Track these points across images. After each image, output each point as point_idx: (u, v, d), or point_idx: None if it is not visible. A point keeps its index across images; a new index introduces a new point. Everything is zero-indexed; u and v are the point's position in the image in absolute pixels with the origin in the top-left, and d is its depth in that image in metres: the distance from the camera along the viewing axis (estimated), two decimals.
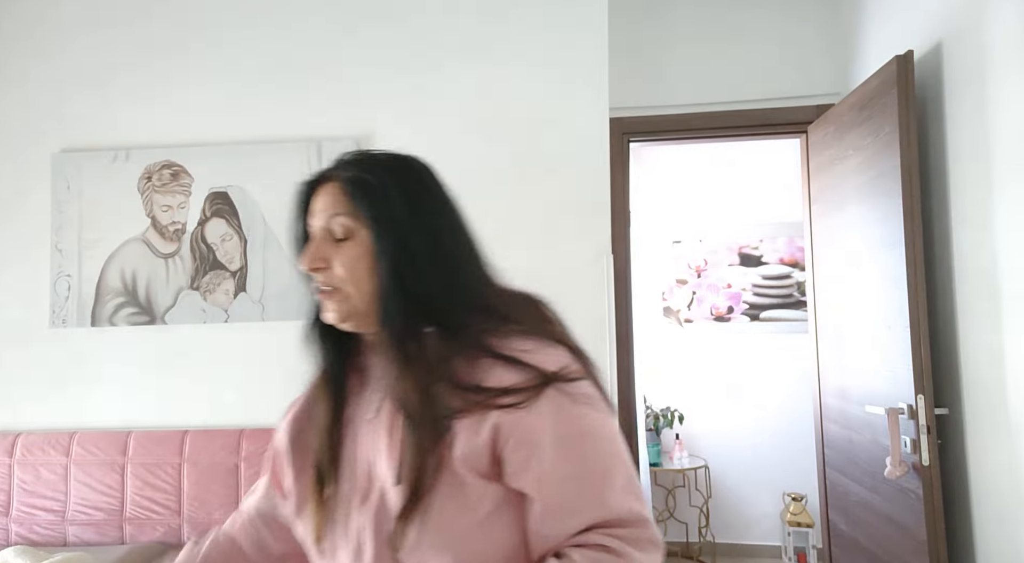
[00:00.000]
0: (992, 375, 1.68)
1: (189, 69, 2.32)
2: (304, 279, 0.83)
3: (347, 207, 0.78)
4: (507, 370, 0.74)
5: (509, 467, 0.73)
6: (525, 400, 0.72)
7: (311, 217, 0.81)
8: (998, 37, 1.63)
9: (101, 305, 2.26)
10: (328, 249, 0.79)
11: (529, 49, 2.22)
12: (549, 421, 0.73)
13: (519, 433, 0.72)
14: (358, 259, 0.78)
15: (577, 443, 0.73)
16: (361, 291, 0.78)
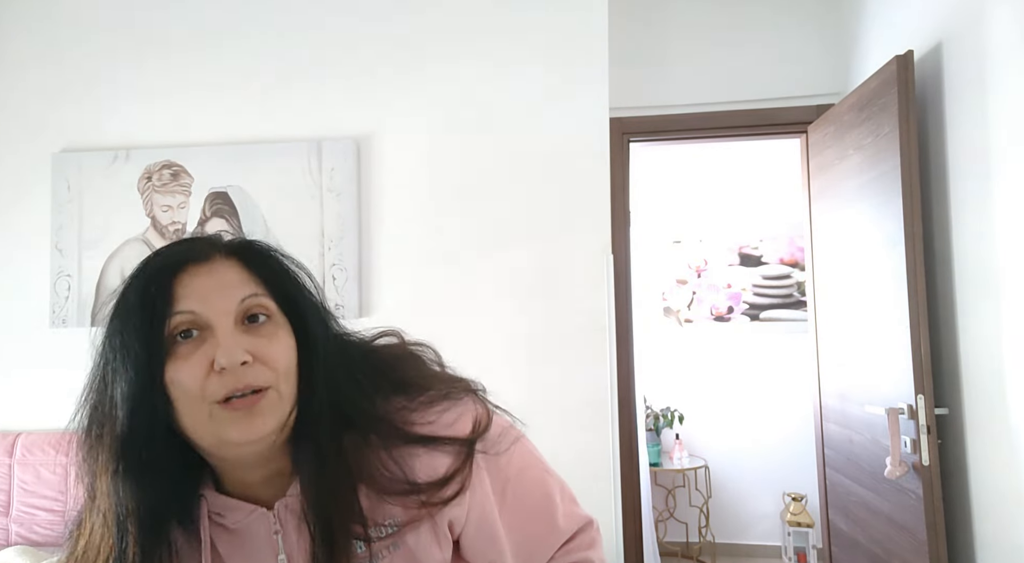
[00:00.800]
0: (992, 375, 1.68)
1: (189, 69, 2.32)
2: (197, 391, 0.59)
3: (260, 286, 0.63)
4: (435, 455, 0.66)
5: (471, 550, 0.71)
6: (464, 482, 0.66)
7: (189, 304, 0.60)
8: (998, 37, 1.63)
9: (101, 305, 2.26)
10: (246, 339, 0.60)
11: (529, 49, 2.21)
12: (487, 487, 0.70)
13: (473, 518, 0.69)
14: (286, 343, 0.63)
15: (514, 491, 0.72)
16: (288, 389, 0.62)
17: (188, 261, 0.62)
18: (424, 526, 0.65)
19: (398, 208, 2.23)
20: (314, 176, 2.23)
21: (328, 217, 2.22)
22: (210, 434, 0.59)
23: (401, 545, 0.65)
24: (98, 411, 0.64)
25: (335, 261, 2.21)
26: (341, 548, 0.61)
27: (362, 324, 0.75)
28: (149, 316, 0.59)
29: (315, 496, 0.62)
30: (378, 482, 0.64)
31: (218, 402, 0.58)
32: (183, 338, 0.59)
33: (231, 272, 0.63)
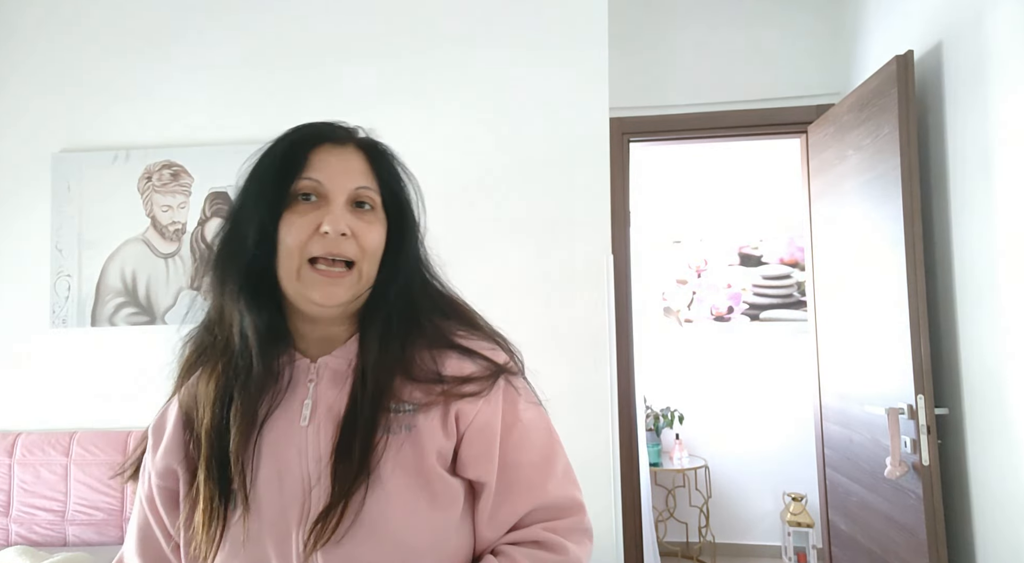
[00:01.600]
0: (992, 375, 1.68)
1: (189, 69, 2.32)
2: (298, 244, 0.70)
3: (375, 183, 0.76)
4: (465, 360, 0.76)
5: (465, 456, 0.74)
6: (483, 390, 0.75)
7: (318, 174, 0.72)
8: (998, 37, 1.63)
9: (101, 305, 2.26)
10: (351, 218, 0.72)
11: (529, 49, 2.21)
12: (500, 411, 0.76)
13: (477, 423, 0.74)
14: (380, 233, 0.75)
15: (522, 432, 0.77)
16: (368, 271, 0.74)
17: (326, 139, 0.76)
18: (436, 410, 0.73)
19: None
20: None
21: None
22: (295, 287, 0.71)
23: (413, 427, 0.72)
24: (230, 245, 0.74)
25: None
26: (379, 400, 0.71)
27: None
28: (284, 173, 0.72)
29: (372, 357, 0.73)
30: (411, 369, 0.74)
31: (309, 261, 0.70)
32: (303, 199, 0.72)
33: (357, 161, 0.76)
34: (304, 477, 0.70)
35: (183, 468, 0.74)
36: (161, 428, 0.79)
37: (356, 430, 0.70)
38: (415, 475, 0.71)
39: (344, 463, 0.69)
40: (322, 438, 0.71)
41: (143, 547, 0.79)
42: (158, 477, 0.76)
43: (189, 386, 0.78)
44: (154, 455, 0.77)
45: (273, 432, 0.72)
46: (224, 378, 0.73)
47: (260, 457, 0.71)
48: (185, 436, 0.75)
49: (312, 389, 0.74)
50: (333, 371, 0.75)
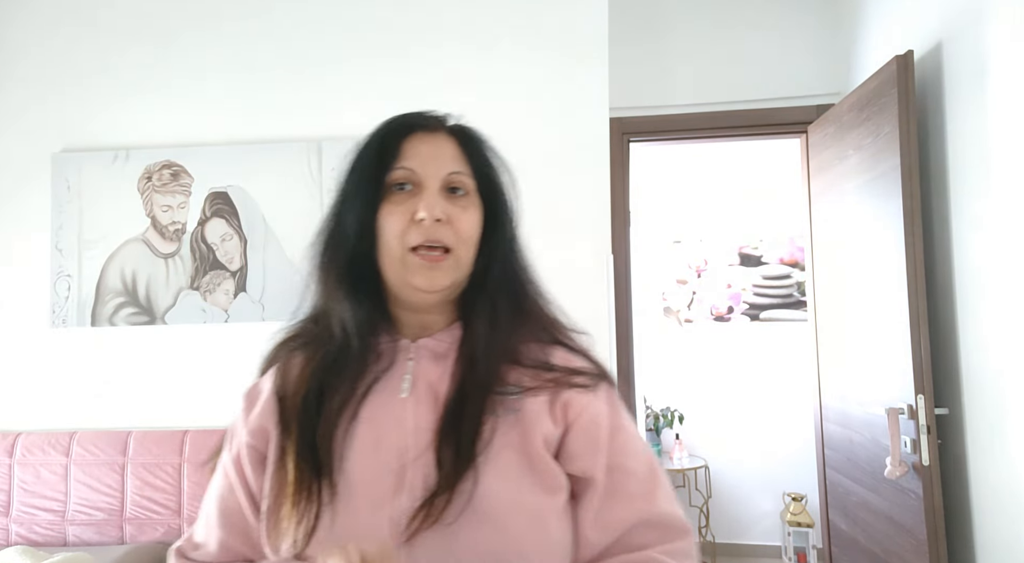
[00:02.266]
0: (992, 375, 1.68)
1: (189, 69, 2.32)
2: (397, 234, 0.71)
3: (468, 167, 0.76)
4: (572, 355, 0.77)
5: (572, 447, 0.72)
6: (591, 385, 0.74)
7: (410, 163, 0.73)
8: (998, 37, 1.63)
9: (101, 305, 2.26)
10: (445, 204, 0.73)
11: (529, 49, 2.21)
12: (608, 410, 0.74)
13: (588, 414, 0.73)
14: (475, 219, 0.75)
15: (629, 438, 0.75)
16: (466, 257, 0.74)
17: (417, 128, 0.77)
18: (543, 396, 0.72)
19: None
20: (314, 176, 2.23)
21: None
22: (397, 275, 0.72)
23: (520, 408, 0.71)
24: (332, 239, 0.76)
25: None
26: (489, 385, 0.71)
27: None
28: (378, 165, 0.74)
29: (482, 342, 0.73)
30: (518, 356, 0.74)
31: (411, 249, 0.71)
32: (398, 189, 0.73)
33: (449, 147, 0.76)
34: (401, 448, 0.69)
35: (277, 430, 0.73)
36: (256, 393, 0.78)
37: (463, 413, 0.69)
38: (522, 457, 0.70)
39: (449, 446, 0.68)
40: (422, 411, 0.71)
41: (225, 517, 0.75)
42: (250, 436, 0.75)
43: (284, 368, 0.77)
44: (247, 416, 0.76)
45: (371, 405, 0.72)
46: (323, 362, 0.74)
47: (357, 426, 0.71)
48: (279, 405, 0.74)
49: (411, 366, 0.75)
50: (432, 351, 0.76)
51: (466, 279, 0.75)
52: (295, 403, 0.72)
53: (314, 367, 0.74)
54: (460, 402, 0.70)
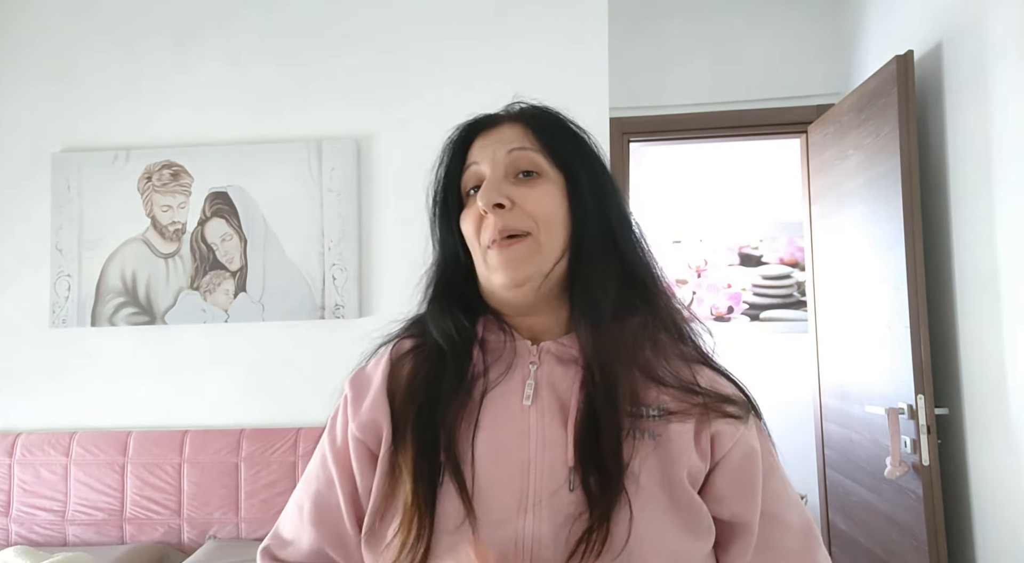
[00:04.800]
0: (992, 375, 1.68)
1: (189, 70, 2.32)
2: (473, 235, 0.66)
3: (535, 143, 0.67)
4: (720, 378, 0.66)
5: (721, 487, 0.63)
6: (743, 416, 0.64)
7: (472, 161, 0.68)
8: (998, 37, 1.63)
9: (101, 305, 2.26)
10: (510, 188, 0.65)
11: (529, 49, 2.21)
12: (761, 448, 0.65)
13: (740, 450, 0.63)
14: (550, 197, 0.65)
15: (784, 484, 0.66)
16: (551, 240, 0.64)
17: (479, 130, 0.71)
18: (690, 423, 0.62)
19: (398, 208, 2.23)
20: (314, 176, 2.23)
21: (328, 217, 2.22)
22: (484, 276, 0.67)
23: (661, 433, 0.62)
24: (433, 260, 0.73)
25: (335, 261, 2.21)
26: (614, 395, 0.61)
27: (362, 324, 0.76)
28: (449, 176, 0.70)
29: (589, 344, 0.63)
30: (655, 371, 0.64)
31: (488, 246, 0.65)
32: (474, 192, 0.68)
33: (511, 131, 0.69)
34: (523, 461, 0.62)
35: (389, 429, 0.65)
36: (365, 381, 0.70)
37: (598, 433, 0.60)
38: (665, 492, 0.60)
39: (593, 470, 0.59)
40: (547, 422, 0.63)
41: (321, 515, 0.68)
42: (360, 430, 0.67)
43: (395, 360, 0.70)
44: (356, 406, 0.68)
45: (490, 412, 0.64)
46: (434, 370, 0.66)
47: (478, 435, 0.63)
48: (389, 401, 0.67)
49: (533, 371, 0.66)
50: (556, 356, 0.67)
51: (565, 271, 0.66)
52: (408, 413, 0.65)
53: (424, 377, 0.66)
54: (592, 422, 0.61)
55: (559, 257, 0.65)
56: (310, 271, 2.22)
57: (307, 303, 2.20)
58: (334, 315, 2.19)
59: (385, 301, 2.20)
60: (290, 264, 2.22)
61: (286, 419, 2.16)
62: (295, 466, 2.05)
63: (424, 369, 0.67)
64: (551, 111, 0.72)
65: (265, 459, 2.07)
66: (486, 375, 0.66)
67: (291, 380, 2.20)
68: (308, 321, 2.21)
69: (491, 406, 0.64)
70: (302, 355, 2.20)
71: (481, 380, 0.66)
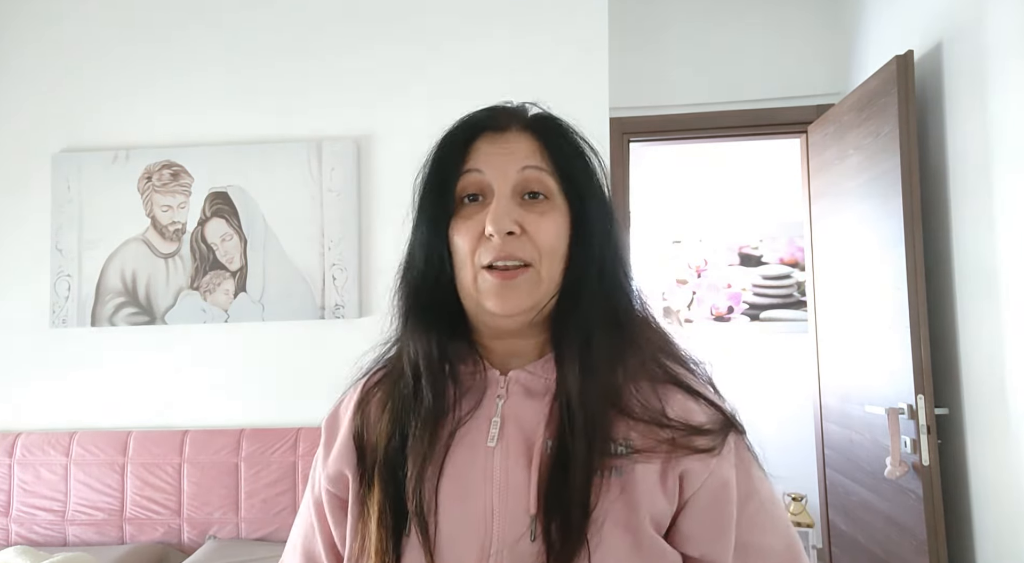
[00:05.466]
0: (992, 375, 1.68)
1: (189, 69, 2.32)
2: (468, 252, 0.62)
3: (548, 164, 0.63)
4: (691, 403, 0.63)
5: (689, 528, 0.61)
6: (715, 446, 0.61)
7: (475, 168, 0.63)
8: (998, 37, 1.63)
9: (101, 305, 2.26)
10: (520, 212, 0.61)
11: (529, 49, 2.21)
12: (734, 476, 0.62)
13: (709, 488, 0.60)
14: (558, 227, 0.62)
15: (762, 506, 0.63)
16: (550, 273, 0.62)
17: (485, 129, 0.65)
18: (656, 463, 0.60)
19: (398, 208, 2.22)
20: (314, 176, 2.23)
21: (328, 217, 2.22)
22: (471, 298, 0.63)
23: (626, 472, 0.59)
24: (405, 265, 0.68)
25: (335, 261, 2.21)
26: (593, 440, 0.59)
27: (362, 324, 0.76)
28: (444, 176, 0.64)
29: (575, 383, 0.60)
30: (622, 401, 0.61)
31: (484, 267, 0.61)
32: (470, 201, 0.63)
33: (523, 142, 0.64)
34: (487, 508, 0.60)
35: (354, 478, 0.65)
36: (335, 427, 0.70)
37: (566, 474, 0.58)
38: (629, 536, 0.58)
39: (556, 518, 0.57)
40: (511, 466, 0.61)
41: (308, 559, 0.70)
42: (329, 482, 0.67)
43: (364, 400, 0.69)
44: (327, 456, 0.69)
45: (456, 455, 0.62)
46: (401, 406, 0.64)
47: (442, 482, 0.61)
48: (354, 447, 0.66)
49: (500, 406, 0.64)
50: (525, 388, 0.64)
51: (555, 295, 0.64)
52: (375, 455, 0.63)
53: (392, 411, 0.64)
54: (563, 461, 0.59)
55: (555, 291, 0.63)
56: (310, 271, 2.22)
57: (307, 303, 2.20)
58: (334, 315, 2.19)
59: (385, 301, 2.17)
60: (290, 264, 2.22)
61: (286, 419, 2.16)
62: (295, 466, 2.05)
63: (392, 407, 0.65)
64: (565, 126, 0.68)
65: (265, 459, 2.07)
66: (456, 410, 0.63)
67: (291, 380, 2.20)
68: (308, 321, 2.21)
69: (457, 448, 0.62)
70: (302, 355, 2.21)
71: (450, 416, 0.63)
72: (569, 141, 0.67)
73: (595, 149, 0.68)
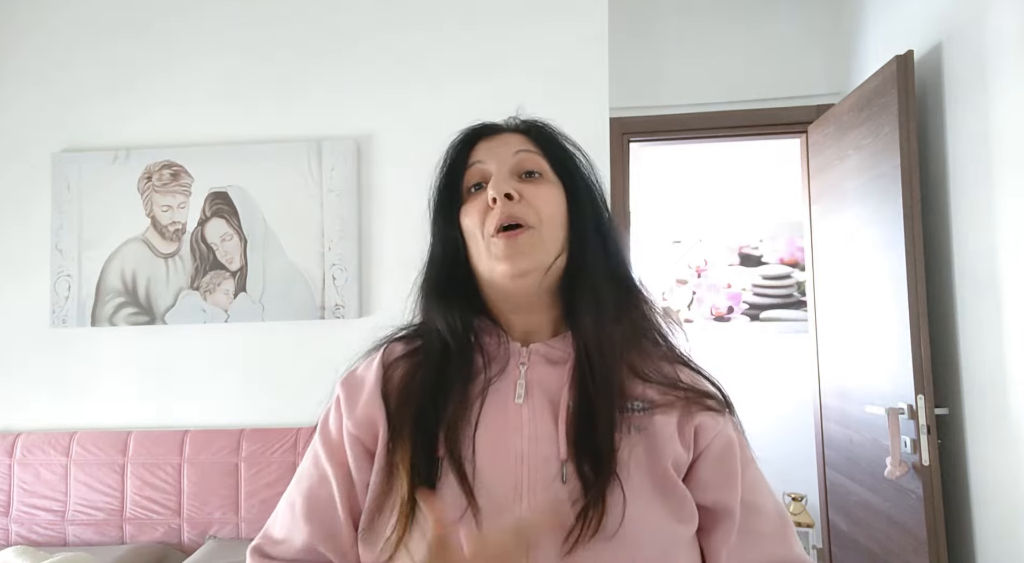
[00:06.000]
0: (992, 375, 1.68)
1: (189, 69, 2.32)
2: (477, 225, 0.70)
3: (535, 148, 0.74)
4: (698, 377, 0.72)
5: (705, 476, 0.68)
6: (722, 410, 0.69)
7: (476, 160, 0.73)
8: (998, 37, 1.63)
9: (101, 305, 2.26)
10: (517, 183, 0.70)
11: (530, 49, 2.21)
12: (738, 439, 0.71)
13: (721, 441, 0.69)
14: (554, 197, 0.71)
15: (759, 474, 0.72)
16: (552, 237, 0.69)
17: (481, 136, 0.76)
18: (674, 415, 0.67)
19: (398, 208, 2.23)
20: (314, 176, 2.23)
21: (328, 217, 2.22)
22: (486, 266, 0.69)
23: (647, 426, 0.66)
24: (429, 258, 0.76)
25: (335, 261, 2.21)
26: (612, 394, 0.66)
27: (362, 324, 0.78)
28: (451, 175, 0.74)
29: (592, 344, 0.68)
30: (640, 368, 0.69)
31: (492, 235, 0.68)
32: (475, 190, 0.72)
33: (514, 138, 0.75)
34: (517, 455, 0.65)
35: (385, 428, 0.68)
36: (357, 382, 0.73)
37: (593, 425, 0.64)
38: (653, 480, 0.64)
39: (587, 459, 0.63)
40: (538, 419, 0.67)
41: (313, 512, 0.69)
42: (356, 427, 0.69)
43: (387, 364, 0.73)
44: (352, 405, 0.71)
45: (486, 411, 0.67)
46: (431, 372, 0.69)
47: (477, 433, 0.66)
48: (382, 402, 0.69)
49: (524, 371, 0.70)
50: (544, 357, 0.71)
51: (561, 271, 0.71)
52: (404, 413, 0.67)
53: (424, 373, 0.69)
54: (588, 413, 0.65)
55: (559, 253, 0.70)
56: (310, 271, 2.22)
57: (307, 303, 2.20)
58: (334, 315, 2.19)
59: (385, 301, 2.20)
60: (290, 264, 2.22)
61: (286, 419, 2.16)
62: (295, 466, 2.04)
63: (424, 370, 0.70)
64: (550, 125, 0.79)
65: (265, 459, 2.07)
66: (485, 372, 0.70)
67: (291, 380, 2.20)
68: (308, 321, 2.21)
69: (488, 404, 0.68)
70: (302, 355, 2.21)
71: (479, 378, 0.69)
72: (554, 134, 0.78)
73: (578, 146, 0.78)
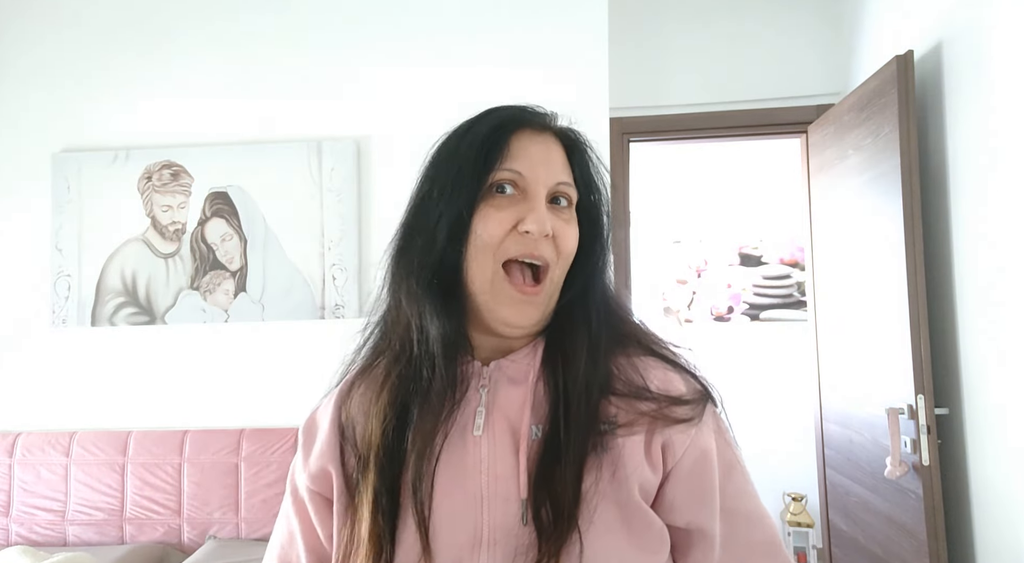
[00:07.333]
0: (992, 375, 1.68)
1: (189, 69, 2.32)
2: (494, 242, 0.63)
3: (571, 175, 0.67)
4: (671, 373, 0.66)
5: (674, 497, 0.62)
6: (695, 416, 0.63)
7: (519, 165, 0.64)
8: (998, 37, 1.63)
9: (101, 305, 2.26)
10: (553, 218, 0.64)
11: (529, 49, 2.21)
12: (714, 445, 0.64)
13: (691, 456, 0.62)
14: (575, 234, 0.66)
15: (743, 476, 0.66)
16: (560, 278, 0.65)
17: (526, 125, 0.67)
18: (639, 436, 0.62)
19: (398, 208, 2.22)
20: (314, 176, 2.23)
21: (328, 217, 2.22)
22: (484, 298, 0.63)
23: (611, 447, 0.61)
24: (419, 237, 0.66)
25: (335, 261, 2.21)
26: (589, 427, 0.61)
27: (362, 324, 0.75)
28: (481, 164, 0.63)
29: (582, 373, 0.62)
30: (610, 382, 0.64)
31: (504, 264, 0.62)
32: (499, 191, 0.64)
33: (557, 152, 0.67)
34: (477, 494, 0.61)
35: (337, 472, 0.66)
36: (313, 429, 0.70)
37: (559, 461, 0.59)
38: (618, 510, 0.60)
39: (546, 501, 0.58)
40: (498, 454, 0.62)
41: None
42: (311, 481, 0.68)
43: (344, 397, 0.69)
44: (307, 458, 0.69)
45: (452, 439, 0.63)
46: (400, 392, 0.64)
47: (439, 465, 0.62)
48: (340, 441, 0.67)
49: (484, 395, 0.65)
50: (509, 378, 0.66)
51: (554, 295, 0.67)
52: (369, 441, 0.64)
53: (391, 393, 0.64)
54: (553, 449, 0.60)
55: (559, 290, 0.66)
56: (310, 271, 2.22)
57: (307, 303, 2.21)
58: (334, 315, 2.19)
59: None
60: (290, 264, 2.22)
61: (286, 419, 2.16)
62: None
63: (393, 384, 0.65)
64: (590, 144, 0.72)
65: (265, 459, 2.07)
66: (447, 408, 0.64)
67: (291, 380, 2.20)
68: (308, 321, 2.21)
69: (451, 435, 0.63)
70: (302, 355, 2.21)
71: (443, 415, 0.64)
72: (591, 160, 0.71)
73: (605, 165, 0.73)
